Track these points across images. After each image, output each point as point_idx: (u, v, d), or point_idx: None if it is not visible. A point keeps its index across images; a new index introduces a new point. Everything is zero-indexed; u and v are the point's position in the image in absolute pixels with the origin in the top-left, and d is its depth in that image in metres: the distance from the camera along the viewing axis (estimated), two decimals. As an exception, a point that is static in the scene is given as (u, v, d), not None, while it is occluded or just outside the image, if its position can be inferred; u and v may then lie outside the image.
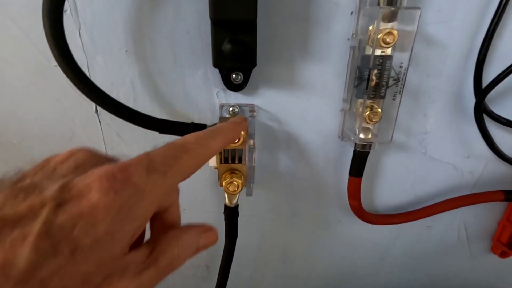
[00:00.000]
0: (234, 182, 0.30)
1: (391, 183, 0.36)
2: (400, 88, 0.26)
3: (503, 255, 0.40)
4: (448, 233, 0.40)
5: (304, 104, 0.31)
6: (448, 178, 0.36)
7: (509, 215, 0.38)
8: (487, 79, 0.30)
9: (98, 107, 0.30)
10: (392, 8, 0.24)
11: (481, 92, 0.29)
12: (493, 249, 0.41)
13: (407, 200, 0.37)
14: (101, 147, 0.32)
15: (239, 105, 0.30)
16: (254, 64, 0.25)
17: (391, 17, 0.25)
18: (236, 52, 0.22)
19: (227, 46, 0.22)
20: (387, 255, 0.42)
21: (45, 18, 0.21)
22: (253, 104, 0.30)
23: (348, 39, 0.28)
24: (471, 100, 0.31)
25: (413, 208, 0.37)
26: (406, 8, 0.24)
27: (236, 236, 0.34)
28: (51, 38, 0.21)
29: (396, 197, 0.37)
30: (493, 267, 0.44)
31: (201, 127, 0.27)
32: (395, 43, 0.25)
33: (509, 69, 0.27)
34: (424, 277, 0.44)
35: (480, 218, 0.39)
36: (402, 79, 0.26)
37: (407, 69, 0.26)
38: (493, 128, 0.32)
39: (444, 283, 0.45)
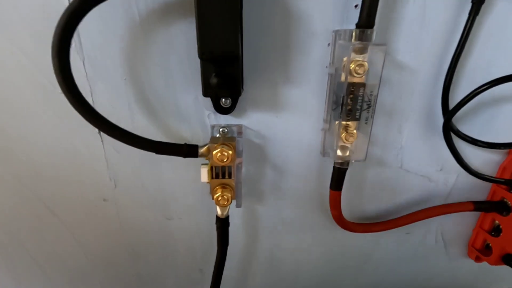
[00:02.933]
0: (224, 197, 0.32)
1: (371, 194, 0.39)
2: (372, 113, 0.29)
3: (477, 259, 0.43)
4: (426, 239, 0.43)
5: (288, 124, 0.33)
6: (423, 189, 0.39)
7: (482, 223, 0.41)
8: (455, 99, 0.32)
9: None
10: (362, 44, 0.27)
11: (448, 113, 0.31)
12: (469, 254, 0.44)
13: (386, 209, 0.40)
14: (103, 162, 0.35)
15: (229, 126, 0.33)
16: (239, 93, 0.27)
17: (362, 50, 0.27)
18: (222, 85, 0.25)
19: (214, 80, 0.25)
20: (370, 259, 0.45)
21: (55, 57, 0.24)
22: (241, 125, 0.33)
23: (326, 66, 0.31)
24: (441, 118, 0.33)
25: (393, 217, 0.40)
26: (374, 44, 0.27)
27: (227, 243, 0.37)
28: (60, 74, 0.24)
29: (376, 206, 0.40)
30: (471, 270, 0.46)
31: (193, 147, 0.30)
32: (365, 73, 0.28)
33: (472, 94, 0.30)
34: (405, 280, 0.47)
35: (455, 225, 0.42)
36: (373, 105, 0.29)
37: (376, 96, 0.29)
38: (462, 144, 0.35)
39: (424, 284, 0.48)
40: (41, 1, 0.26)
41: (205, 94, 0.27)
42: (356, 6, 0.28)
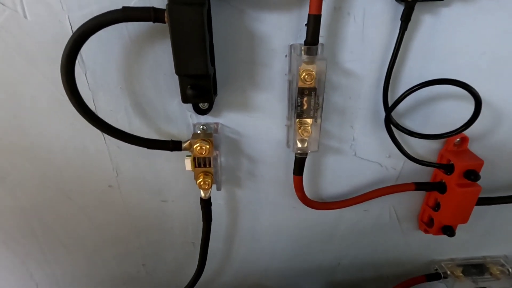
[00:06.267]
0: (205, 182, 0.40)
1: (331, 178, 0.46)
2: (320, 114, 0.36)
3: (426, 231, 0.51)
4: (381, 215, 0.51)
5: (258, 122, 0.40)
6: (375, 173, 0.46)
7: (427, 200, 0.48)
8: (394, 98, 0.39)
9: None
10: (309, 58, 0.33)
11: (387, 110, 0.38)
12: (420, 227, 0.52)
13: (345, 190, 0.47)
14: (106, 156, 0.42)
15: (207, 124, 0.40)
16: (211, 99, 0.34)
17: (311, 62, 0.34)
18: (196, 96, 0.31)
19: (189, 91, 0.31)
20: (335, 233, 0.52)
21: (63, 75, 0.30)
22: (217, 123, 0.40)
23: (286, 74, 0.37)
24: (384, 115, 0.40)
25: (350, 197, 0.47)
26: (318, 59, 0.33)
27: (211, 219, 0.44)
28: (68, 89, 0.31)
29: (336, 188, 0.47)
30: (422, 241, 0.54)
31: (177, 143, 0.37)
32: (314, 81, 0.34)
33: (404, 94, 0.36)
34: (366, 251, 0.55)
35: (406, 203, 0.50)
36: (321, 106, 0.35)
37: (323, 100, 0.35)
38: (405, 135, 0.42)
39: (383, 255, 0.56)
40: (53, 33, 0.33)
41: (184, 101, 0.33)
42: (306, 24, 0.34)
